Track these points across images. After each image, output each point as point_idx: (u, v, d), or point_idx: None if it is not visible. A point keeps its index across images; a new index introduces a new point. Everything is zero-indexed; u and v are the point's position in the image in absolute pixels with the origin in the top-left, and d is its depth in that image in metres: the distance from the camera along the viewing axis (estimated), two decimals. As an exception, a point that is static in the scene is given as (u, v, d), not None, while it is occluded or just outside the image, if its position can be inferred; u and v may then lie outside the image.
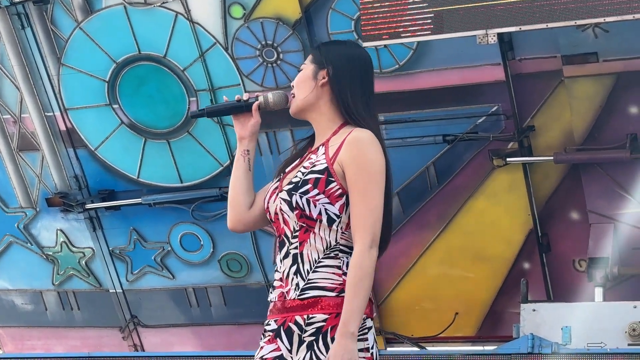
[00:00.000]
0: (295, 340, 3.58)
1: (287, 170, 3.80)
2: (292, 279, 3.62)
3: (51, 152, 8.16)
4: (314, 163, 3.69)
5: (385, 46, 6.97)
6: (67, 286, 8.62)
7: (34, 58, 7.87)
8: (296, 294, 3.60)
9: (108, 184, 8.19)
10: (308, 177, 3.65)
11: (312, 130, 3.83)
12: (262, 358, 3.62)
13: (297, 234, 3.64)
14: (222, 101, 4.02)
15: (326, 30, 7.25)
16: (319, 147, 3.74)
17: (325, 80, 3.77)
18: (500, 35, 6.51)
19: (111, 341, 8.67)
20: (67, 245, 8.48)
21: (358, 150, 3.64)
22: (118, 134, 7.95)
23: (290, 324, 3.59)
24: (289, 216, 3.65)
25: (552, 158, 7.10)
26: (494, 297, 7.61)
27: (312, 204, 3.62)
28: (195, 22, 7.46)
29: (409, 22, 6.48)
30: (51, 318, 8.79)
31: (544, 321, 6.63)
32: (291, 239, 3.65)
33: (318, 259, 3.62)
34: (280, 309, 3.64)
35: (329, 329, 3.57)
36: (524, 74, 7.01)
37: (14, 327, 8.95)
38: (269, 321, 3.69)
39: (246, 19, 7.35)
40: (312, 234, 3.63)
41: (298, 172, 3.71)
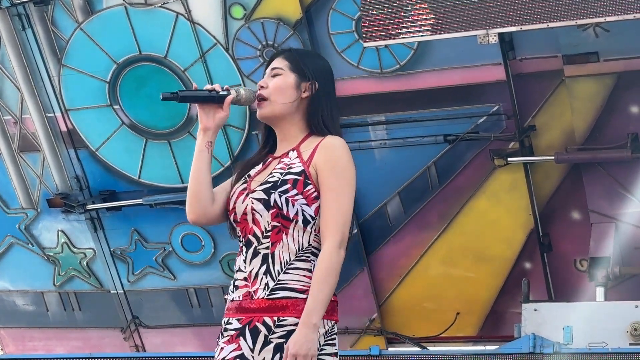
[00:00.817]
0: (260, 340, 3.57)
1: (252, 173, 3.79)
2: (262, 278, 3.61)
3: (52, 153, 8.16)
4: (289, 165, 3.70)
5: (386, 46, 6.97)
6: (68, 287, 8.62)
7: (35, 59, 7.87)
8: (265, 293, 3.60)
9: (109, 185, 8.19)
10: (286, 177, 3.66)
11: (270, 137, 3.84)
12: (225, 359, 3.59)
13: (269, 234, 3.64)
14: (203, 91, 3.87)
15: (327, 31, 7.25)
16: (288, 152, 3.75)
17: (308, 94, 3.79)
18: (501, 35, 6.51)
19: (112, 342, 8.67)
20: (68, 246, 8.48)
21: (332, 154, 3.69)
22: (119, 134, 7.95)
23: (257, 324, 3.58)
24: (261, 215, 3.64)
25: (553, 158, 7.10)
26: (496, 297, 7.61)
27: (290, 204, 3.64)
28: (196, 23, 7.46)
29: (409, 22, 6.48)
30: (52, 319, 8.79)
31: (546, 321, 6.63)
32: (262, 238, 3.65)
33: (289, 260, 3.63)
34: (245, 308, 3.62)
35: None
36: (525, 73, 7.01)
37: (15, 327, 8.95)
38: (229, 320, 3.67)
39: (247, 19, 7.35)
40: (285, 235, 3.64)
41: (273, 173, 3.70)
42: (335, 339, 3.67)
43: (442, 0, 6.33)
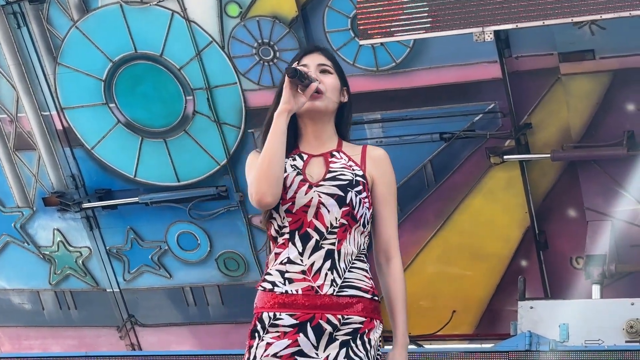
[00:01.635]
0: (325, 338, 3.55)
1: (298, 165, 3.69)
2: (326, 274, 3.57)
3: (48, 152, 8.15)
4: (350, 166, 3.69)
5: (382, 44, 6.97)
6: (64, 286, 8.61)
7: (30, 57, 7.86)
8: (334, 289, 3.57)
9: (105, 183, 8.18)
10: (358, 178, 3.66)
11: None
12: (277, 356, 3.55)
13: (336, 230, 3.61)
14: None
15: (322, 29, 7.25)
16: (332, 152, 3.72)
17: (344, 100, 3.79)
18: (496, 32, 6.51)
19: (108, 340, 8.66)
20: (64, 244, 8.47)
21: (387, 168, 3.76)
22: (114, 133, 7.94)
23: (320, 322, 3.55)
24: (329, 211, 3.61)
25: (549, 155, 7.11)
26: (492, 295, 7.61)
27: (361, 205, 3.65)
28: (192, 21, 7.45)
29: (405, 20, 6.47)
30: (48, 317, 8.78)
31: (542, 318, 6.63)
32: (326, 234, 3.60)
33: (352, 259, 3.63)
34: (302, 304, 3.57)
35: (365, 330, 3.60)
36: (521, 71, 7.01)
37: (11, 326, 8.94)
38: (277, 314, 3.59)
39: (242, 17, 7.34)
40: (349, 234, 3.63)
41: (341, 171, 3.66)
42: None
43: (438, -2, 6.34)
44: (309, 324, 3.56)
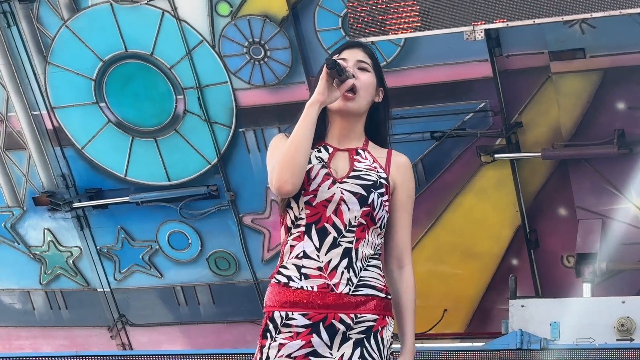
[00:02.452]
0: (338, 337, 3.52)
1: (324, 158, 3.63)
2: (342, 272, 3.54)
3: (38, 151, 8.13)
4: (375, 168, 3.65)
5: (373, 43, 6.96)
6: (55, 285, 8.60)
7: (20, 57, 7.84)
8: (349, 289, 3.54)
9: (95, 183, 8.16)
10: (382, 181, 3.63)
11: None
12: (290, 356, 3.49)
13: (354, 229, 3.57)
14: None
15: (313, 28, 7.24)
16: (357, 150, 3.66)
17: (379, 100, 3.72)
18: (487, 31, 6.51)
19: (99, 340, 8.65)
20: (55, 244, 8.45)
21: (410, 176, 3.72)
22: (105, 132, 7.93)
23: (333, 321, 3.51)
24: (349, 209, 3.56)
25: (540, 154, 7.11)
26: (483, 294, 7.62)
27: (382, 208, 3.61)
28: (182, 20, 7.44)
29: (395, 18, 6.47)
30: (39, 318, 8.76)
31: (533, 317, 6.64)
32: (344, 231, 3.56)
33: (367, 258, 3.60)
34: (316, 303, 3.52)
35: (379, 329, 3.58)
36: (512, 70, 7.01)
37: (1, 327, 8.92)
38: (289, 314, 3.53)
39: (233, 16, 7.34)
40: (367, 234, 3.59)
41: (366, 171, 3.62)
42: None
43: (428, -3, 6.34)
44: (322, 324, 3.53)
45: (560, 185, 7.25)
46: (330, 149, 3.63)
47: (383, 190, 3.61)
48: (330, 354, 3.51)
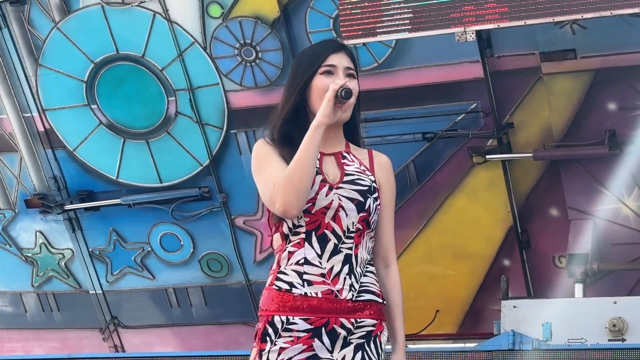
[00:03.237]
0: (339, 341, 3.54)
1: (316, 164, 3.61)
2: (345, 279, 3.55)
3: (29, 153, 8.12)
4: (364, 171, 3.66)
5: (364, 44, 6.97)
6: (47, 288, 8.59)
7: (11, 59, 7.83)
8: (352, 295, 3.56)
9: (87, 185, 8.16)
10: (374, 185, 3.65)
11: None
12: None
13: (352, 235, 3.59)
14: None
15: (305, 29, 7.24)
16: (342, 153, 3.67)
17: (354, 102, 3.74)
18: (478, 32, 6.52)
19: (91, 342, 8.64)
20: (47, 246, 8.44)
21: (392, 176, 3.74)
22: (97, 134, 7.92)
23: (335, 326, 3.53)
24: (347, 215, 3.58)
25: (531, 155, 7.12)
26: (475, 294, 7.62)
27: (375, 212, 3.64)
28: (174, 22, 7.44)
29: (387, 20, 6.48)
30: (31, 320, 8.75)
31: (525, 317, 6.64)
32: (344, 238, 3.58)
33: (365, 264, 3.63)
34: (320, 308, 3.54)
35: (377, 333, 3.60)
36: (503, 71, 7.02)
37: (-7, 329, 8.91)
38: (289, 318, 3.54)
39: (224, 18, 7.34)
40: (363, 239, 3.62)
41: (359, 176, 3.63)
42: None
43: (419, -2, 6.34)
44: (324, 328, 3.54)
45: (551, 185, 7.26)
46: (318, 154, 3.61)
47: (376, 195, 3.64)
48: (331, 356, 3.53)
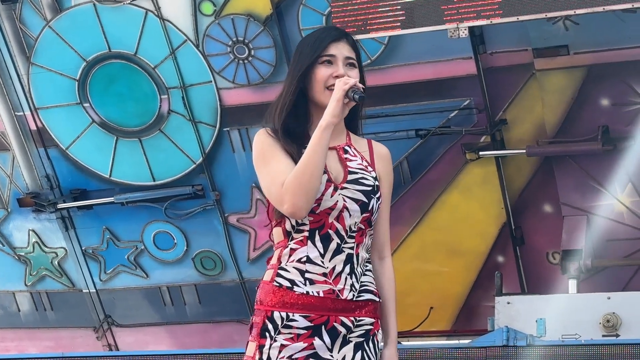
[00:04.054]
0: (339, 339, 3.54)
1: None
2: (346, 278, 3.55)
3: (22, 152, 8.10)
4: (366, 167, 3.63)
5: (357, 41, 6.96)
6: (40, 287, 8.57)
7: (3, 57, 7.82)
8: (353, 294, 3.55)
9: (80, 184, 8.14)
10: (377, 183, 3.62)
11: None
12: (292, 358, 3.50)
13: (354, 234, 3.57)
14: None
15: (297, 26, 7.24)
16: (344, 147, 3.64)
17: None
18: (471, 29, 6.51)
19: (85, 341, 8.63)
20: (40, 245, 8.43)
21: (391, 167, 3.71)
22: (89, 132, 7.91)
23: (335, 324, 3.53)
24: (350, 215, 3.56)
25: (524, 151, 7.12)
26: (469, 291, 7.63)
27: (377, 211, 3.62)
28: (166, 19, 7.42)
29: (379, 16, 6.47)
30: (24, 319, 8.74)
31: (519, 314, 6.65)
32: (346, 237, 3.56)
33: (365, 263, 3.62)
34: (321, 306, 3.53)
35: (375, 332, 3.61)
36: (496, 67, 7.02)
37: (-14, 328, 8.90)
38: (289, 315, 3.53)
39: (217, 15, 7.33)
40: (364, 238, 3.61)
41: (363, 174, 3.60)
42: None
43: (412, -5, 6.34)
44: (324, 327, 3.54)
45: (545, 182, 7.26)
46: (326, 155, 3.55)
47: (379, 195, 3.62)
48: (331, 355, 3.53)
